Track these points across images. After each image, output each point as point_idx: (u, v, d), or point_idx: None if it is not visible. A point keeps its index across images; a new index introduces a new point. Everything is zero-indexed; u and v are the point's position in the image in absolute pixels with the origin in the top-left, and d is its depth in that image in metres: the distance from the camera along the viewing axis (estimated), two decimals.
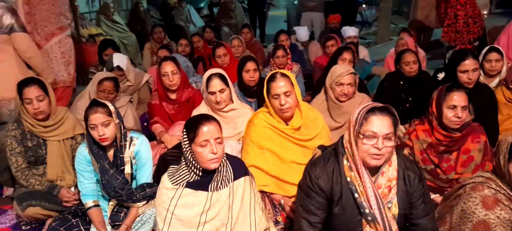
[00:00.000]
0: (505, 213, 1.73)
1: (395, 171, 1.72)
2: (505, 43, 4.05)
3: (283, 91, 2.32)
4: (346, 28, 5.34)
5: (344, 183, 1.72)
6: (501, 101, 3.25)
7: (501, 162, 1.75)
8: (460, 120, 2.30)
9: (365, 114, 1.66)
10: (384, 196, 1.70)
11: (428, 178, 2.48)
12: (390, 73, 3.74)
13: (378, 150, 1.63)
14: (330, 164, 1.76)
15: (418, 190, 1.74)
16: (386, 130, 1.63)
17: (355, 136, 1.67)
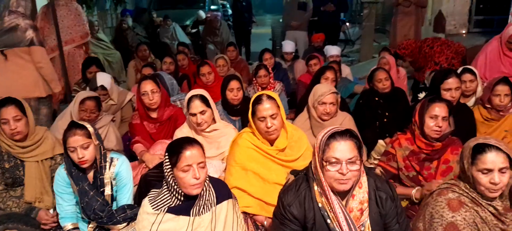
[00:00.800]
0: (470, 214, 1.77)
1: (366, 193, 1.73)
2: (482, 63, 4.16)
3: (270, 114, 2.32)
4: (329, 47, 5.42)
5: (317, 209, 1.72)
6: (479, 120, 3.33)
7: (465, 166, 1.81)
8: (440, 130, 2.38)
9: (327, 141, 1.66)
10: (356, 219, 1.71)
11: (411, 185, 2.52)
12: (366, 91, 3.82)
13: (343, 175, 1.63)
14: (301, 190, 1.75)
15: (391, 210, 1.75)
16: (349, 154, 1.64)
17: (320, 163, 1.68)
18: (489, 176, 1.74)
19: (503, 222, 1.78)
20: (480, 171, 1.76)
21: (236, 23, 9.25)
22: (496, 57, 4.10)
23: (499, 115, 3.23)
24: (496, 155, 1.73)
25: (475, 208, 1.80)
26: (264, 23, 13.09)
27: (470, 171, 1.80)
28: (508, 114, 3.22)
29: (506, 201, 1.83)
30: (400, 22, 6.15)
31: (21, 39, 3.55)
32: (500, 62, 4.08)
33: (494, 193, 1.75)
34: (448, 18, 8.45)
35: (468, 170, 1.81)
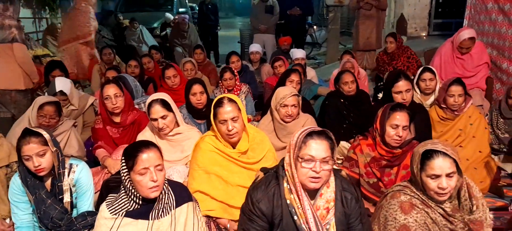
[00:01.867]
0: (421, 216, 1.85)
1: (333, 193, 1.78)
2: (438, 64, 4.34)
3: (231, 117, 2.33)
4: (294, 50, 5.50)
5: (284, 206, 1.75)
6: (435, 120, 3.47)
7: (415, 171, 1.88)
8: (400, 139, 2.44)
9: (304, 138, 1.71)
10: (322, 217, 1.76)
11: (371, 191, 2.60)
12: (332, 93, 3.91)
13: (316, 173, 1.68)
14: (271, 187, 1.79)
15: (355, 211, 1.81)
16: (324, 154, 1.69)
17: (295, 159, 1.72)
18: (437, 181, 1.81)
19: (452, 223, 1.86)
20: (428, 177, 1.82)
21: (202, 26, 9.22)
22: (449, 59, 4.29)
23: (454, 115, 3.38)
24: (443, 160, 1.79)
25: (425, 209, 1.87)
26: (234, 25, 13.09)
27: (420, 176, 1.86)
28: (462, 113, 3.38)
29: (455, 202, 1.91)
30: (362, 25, 6.32)
31: (5, 36, 4.15)
32: (454, 64, 4.27)
33: (443, 196, 1.83)
34: (409, 21, 8.75)
35: (417, 175, 1.87)
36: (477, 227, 1.86)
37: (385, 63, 5.43)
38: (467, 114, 3.39)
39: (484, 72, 4.27)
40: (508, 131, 3.62)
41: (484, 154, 3.35)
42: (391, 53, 5.36)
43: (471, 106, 3.41)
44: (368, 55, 6.48)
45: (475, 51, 4.23)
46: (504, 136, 3.64)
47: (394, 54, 5.34)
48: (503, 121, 3.67)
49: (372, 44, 6.34)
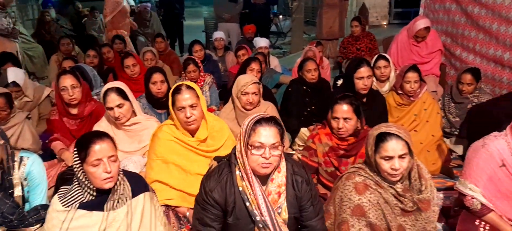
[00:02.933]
0: (374, 196, 1.93)
1: (284, 177, 1.81)
2: (395, 51, 4.49)
3: (189, 104, 2.32)
4: (257, 39, 5.52)
5: (237, 193, 1.77)
6: (392, 105, 3.60)
7: (369, 153, 1.95)
8: (343, 130, 2.51)
9: (253, 126, 1.73)
10: (274, 202, 1.79)
11: (329, 179, 2.66)
12: (295, 80, 3.96)
13: (266, 159, 1.70)
14: (223, 175, 1.80)
15: (306, 193, 1.85)
16: (273, 140, 1.71)
17: (245, 147, 1.74)
18: (390, 162, 1.88)
19: (402, 202, 1.94)
20: (382, 158, 1.89)
21: (166, 15, 9.05)
22: (406, 46, 4.45)
23: (410, 100, 3.52)
24: (396, 142, 1.87)
25: (378, 190, 1.95)
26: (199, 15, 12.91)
27: (374, 158, 1.93)
28: (417, 99, 3.52)
29: (406, 182, 1.99)
30: (325, 14, 6.42)
31: None
32: (410, 51, 4.42)
33: (395, 177, 1.90)
34: (370, 10, 8.95)
35: (372, 157, 1.94)
36: (425, 205, 1.95)
37: (349, 44, 5.61)
38: (421, 100, 3.53)
39: (438, 59, 4.45)
40: (459, 114, 3.79)
41: (436, 137, 3.51)
42: (355, 37, 5.55)
43: (425, 92, 3.56)
44: (331, 44, 6.60)
45: (430, 39, 4.40)
46: (456, 119, 3.81)
47: (358, 37, 5.53)
48: (454, 105, 3.85)
49: (335, 33, 6.46)
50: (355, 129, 2.54)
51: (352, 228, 1.94)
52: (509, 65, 3.80)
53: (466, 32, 4.31)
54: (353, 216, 1.93)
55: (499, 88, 3.93)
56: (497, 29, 3.87)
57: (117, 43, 5.88)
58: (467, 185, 2.29)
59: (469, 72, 3.70)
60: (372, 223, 1.92)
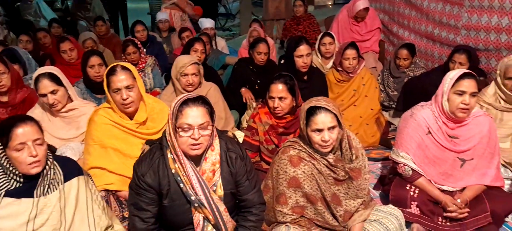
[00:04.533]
0: (308, 168, 2.01)
1: (218, 155, 1.82)
2: (336, 30, 4.62)
3: (125, 85, 2.26)
4: (203, 20, 5.46)
5: (170, 176, 1.77)
6: (332, 82, 3.71)
7: (302, 126, 2.02)
8: (278, 109, 2.58)
9: (180, 107, 1.71)
10: (209, 180, 1.80)
11: (270, 157, 2.71)
12: (242, 59, 3.98)
13: (195, 140, 1.70)
14: (155, 159, 1.78)
15: (241, 168, 1.87)
16: (201, 120, 1.71)
17: (173, 129, 1.73)
18: (320, 134, 1.96)
19: (334, 172, 2.04)
20: (313, 131, 1.97)
21: None
22: (346, 26, 4.59)
23: (349, 76, 3.65)
24: (325, 115, 1.94)
25: (312, 161, 2.02)
26: None
27: (306, 131, 2.00)
28: (355, 75, 3.65)
29: (338, 153, 2.08)
30: None
31: None
32: (350, 30, 4.58)
33: (326, 148, 1.98)
34: None
35: (304, 130, 2.01)
36: (356, 174, 2.06)
37: (292, 28, 5.67)
38: (360, 75, 3.68)
39: (377, 36, 4.63)
40: (397, 88, 3.99)
41: (375, 111, 3.68)
42: (297, 18, 5.59)
43: (363, 68, 3.70)
44: (278, 24, 6.65)
45: (368, 17, 4.57)
46: (394, 93, 4.01)
47: (300, 19, 5.58)
48: (393, 80, 4.04)
49: (282, 13, 6.51)
50: (291, 108, 2.61)
51: (289, 199, 2.01)
52: (439, 41, 4.03)
53: (401, 9, 4.51)
54: (290, 187, 2.00)
55: (431, 62, 4.17)
56: (427, 6, 4.08)
57: (54, 27, 5.58)
58: (399, 153, 2.44)
59: (405, 47, 3.89)
60: (308, 193, 2.00)
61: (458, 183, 2.38)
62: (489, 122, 2.39)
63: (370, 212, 2.11)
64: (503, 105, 2.87)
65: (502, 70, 2.82)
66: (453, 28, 3.80)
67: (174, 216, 1.81)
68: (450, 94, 2.27)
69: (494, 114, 2.91)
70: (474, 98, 2.26)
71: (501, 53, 3.35)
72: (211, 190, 1.80)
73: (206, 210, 1.78)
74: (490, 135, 2.36)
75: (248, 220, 1.91)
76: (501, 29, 3.30)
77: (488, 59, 3.55)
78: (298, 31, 5.47)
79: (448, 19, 3.84)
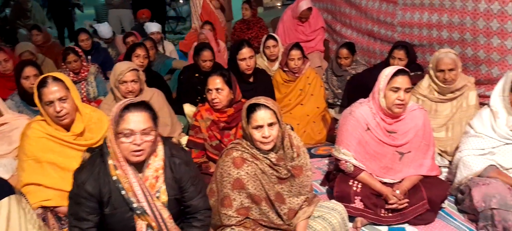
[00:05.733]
0: (252, 168, 2.02)
1: (161, 161, 1.80)
2: (282, 31, 4.70)
3: (57, 97, 2.17)
4: (148, 24, 5.36)
5: (111, 183, 1.73)
6: (280, 82, 3.77)
7: (244, 125, 2.04)
8: (216, 101, 2.61)
9: (121, 113, 1.68)
10: (152, 186, 1.78)
11: (215, 153, 2.71)
12: (187, 67, 3.91)
13: (138, 146, 1.67)
14: (96, 166, 1.74)
15: (186, 174, 1.86)
16: (143, 125, 1.68)
17: (115, 135, 1.69)
18: (260, 131, 1.98)
19: (277, 171, 2.07)
20: (254, 128, 1.99)
21: (51, 5, 8.30)
22: (291, 26, 4.68)
23: (295, 76, 3.73)
24: (264, 112, 1.98)
25: (255, 162, 2.04)
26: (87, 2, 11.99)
27: (248, 129, 2.03)
28: (301, 75, 3.73)
29: (280, 152, 2.11)
30: None
31: None
32: (295, 31, 4.67)
33: (266, 145, 2.01)
34: None
35: (246, 129, 2.03)
36: (298, 171, 2.09)
37: (241, 32, 5.66)
38: (305, 75, 3.77)
39: (321, 36, 4.76)
40: (340, 86, 4.10)
41: (321, 108, 3.78)
42: (247, 22, 5.58)
43: (308, 68, 3.79)
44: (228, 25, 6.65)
45: (312, 17, 4.68)
46: (338, 91, 4.12)
47: (249, 23, 5.58)
48: (336, 78, 4.15)
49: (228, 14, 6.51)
50: (229, 100, 2.63)
51: (234, 201, 2.01)
52: (379, 37, 4.20)
53: (342, 8, 4.65)
54: (234, 189, 2.00)
55: (373, 58, 4.34)
56: (366, 5, 4.25)
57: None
58: (340, 150, 2.51)
59: (345, 46, 4.01)
60: (252, 193, 2.01)
61: (397, 175, 2.49)
62: (424, 115, 2.52)
63: (313, 208, 2.16)
64: (437, 96, 3.04)
65: (434, 63, 2.98)
66: (390, 26, 3.98)
67: (116, 224, 1.76)
68: (386, 91, 2.37)
69: (429, 105, 3.08)
70: (409, 93, 2.37)
71: (433, 48, 3.55)
72: (154, 197, 1.77)
73: (149, 217, 1.75)
74: (425, 127, 2.48)
75: (194, 226, 1.89)
76: (432, 25, 3.49)
77: (423, 54, 3.74)
78: (249, 35, 5.48)
79: (385, 17, 4.01)
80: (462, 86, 2.97)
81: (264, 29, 5.50)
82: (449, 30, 3.36)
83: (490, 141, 2.48)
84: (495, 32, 2.98)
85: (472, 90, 3.01)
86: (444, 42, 3.44)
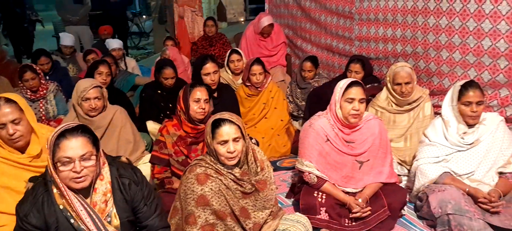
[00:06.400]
0: (216, 184, 2.02)
1: (108, 184, 1.75)
2: (245, 46, 4.76)
3: (10, 120, 2.09)
4: (109, 40, 5.26)
5: (58, 212, 1.67)
6: (243, 97, 3.81)
7: (208, 140, 2.04)
8: (203, 111, 2.60)
9: (56, 141, 1.63)
10: (101, 211, 1.73)
11: (181, 169, 2.66)
12: (148, 84, 3.85)
13: (78, 174, 1.63)
14: (39, 196, 1.67)
15: (137, 194, 1.82)
16: (81, 151, 1.63)
17: (53, 164, 1.63)
18: (225, 146, 1.99)
19: (241, 186, 2.08)
20: (218, 144, 2.00)
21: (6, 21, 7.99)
22: (253, 42, 4.76)
23: (258, 91, 3.78)
24: (229, 127, 1.99)
25: (219, 177, 2.04)
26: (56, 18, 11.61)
27: (212, 145, 2.03)
28: (264, 89, 3.79)
29: (245, 166, 2.12)
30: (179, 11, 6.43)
31: None
32: (258, 46, 4.75)
33: (232, 160, 2.02)
34: (227, 7, 9.28)
35: (211, 144, 2.04)
36: (262, 185, 2.11)
37: (204, 49, 5.65)
38: (268, 89, 3.83)
39: (283, 50, 4.86)
40: (304, 99, 4.18)
41: (285, 121, 3.84)
42: (209, 39, 5.58)
43: (271, 82, 3.85)
44: None
45: (274, 33, 4.79)
46: (302, 103, 4.20)
47: (212, 39, 5.58)
48: (300, 91, 4.24)
49: None
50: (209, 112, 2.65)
51: (199, 218, 1.99)
52: (338, 52, 4.34)
53: (303, 24, 4.78)
54: (198, 206, 1.99)
55: (333, 72, 4.47)
56: (325, 20, 4.38)
57: None
58: (303, 163, 2.56)
59: (309, 60, 4.12)
60: (216, 210, 2.01)
61: (358, 184, 2.57)
62: (379, 124, 2.62)
63: (278, 221, 2.18)
64: (394, 108, 3.17)
65: (391, 77, 3.11)
66: (348, 40, 4.12)
67: None
68: (341, 102, 2.46)
69: (387, 117, 3.20)
70: (363, 104, 2.47)
71: (389, 61, 3.71)
72: (105, 222, 1.71)
73: None
74: (381, 135, 2.58)
75: None
76: (387, 39, 3.66)
77: (379, 66, 3.89)
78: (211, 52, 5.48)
79: (343, 32, 4.15)
80: (418, 98, 3.11)
81: (227, 45, 5.52)
82: (403, 43, 3.52)
83: (443, 149, 2.60)
84: (444, 46, 3.16)
85: (427, 101, 3.15)
86: (398, 55, 3.59)
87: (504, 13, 2.75)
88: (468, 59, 3.04)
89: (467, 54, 3.03)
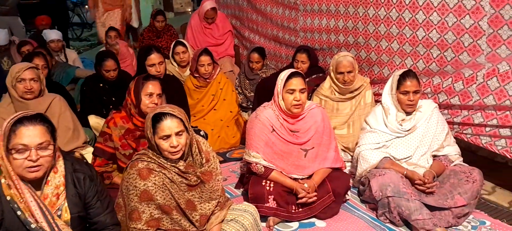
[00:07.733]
0: (159, 178, 1.98)
1: (62, 177, 1.71)
2: (191, 36, 4.70)
3: None
4: (47, 31, 4.96)
5: (5, 203, 1.60)
6: (191, 88, 3.76)
7: (149, 135, 1.98)
8: (155, 106, 2.50)
9: (13, 127, 1.56)
10: (52, 205, 1.67)
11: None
12: (89, 77, 3.69)
13: (33, 162, 1.57)
14: None
15: (91, 190, 1.78)
16: (39, 140, 1.59)
17: (6, 152, 1.56)
18: (168, 141, 1.94)
19: (186, 178, 2.04)
20: (160, 138, 1.94)
21: None
22: (199, 30, 4.71)
23: (206, 82, 3.74)
24: (171, 121, 1.94)
25: (163, 171, 1.99)
26: None
27: (154, 140, 1.97)
28: (212, 80, 3.76)
29: (190, 159, 2.09)
30: None
31: None
32: (204, 34, 4.70)
33: (176, 155, 1.97)
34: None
35: (152, 139, 1.98)
36: (207, 177, 2.10)
37: (150, 40, 5.48)
38: (217, 80, 3.80)
39: (230, 40, 4.85)
40: (253, 90, 4.21)
41: (234, 113, 3.85)
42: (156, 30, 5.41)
43: (219, 73, 3.83)
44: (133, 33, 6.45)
45: (219, 20, 4.77)
46: (251, 94, 4.23)
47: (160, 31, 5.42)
48: (248, 82, 4.26)
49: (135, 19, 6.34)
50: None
51: (143, 214, 1.95)
52: (284, 42, 4.40)
53: (249, 15, 4.79)
54: (142, 202, 1.95)
55: (280, 63, 4.53)
56: (270, 11, 4.42)
57: None
58: (250, 153, 2.59)
59: (256, 51, 4.13)
60: (161, 204, 1.97)
61: (305, 171, 2.64)
62: (322, 112, 2.70)
63: (226, 212, 2.18)
64: (337, 96, 3.28)
65: (334, 66, 3.21)
66: (293, 31, 4.19)
67: None
68: (283, 94, 2.51)
69: (331, 105, 3.31)
70: (304, 93, 2.53)
71: (333, 51, 3.81)
72: (55, 216, 1.66)
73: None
74: (324, 123, 2.67)
75: None
76: (330, 30, 3.75)
77: (324, 57, 3.99)
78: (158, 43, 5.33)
79: (288, 23, 4.21)
80: (360, 86, 3.24)
81: (175, 37, 5.39)
82: (345, 34, 3.63)
83: (383, 135, 2.73)
84: (383, 36, 3.29)
85: (368, 89, 3.30)
86: (341, 46, 3.70)
87: (435, 5, 2.91)
88: (405, 48, 3.19)
89: (404, 44, 3.18)
